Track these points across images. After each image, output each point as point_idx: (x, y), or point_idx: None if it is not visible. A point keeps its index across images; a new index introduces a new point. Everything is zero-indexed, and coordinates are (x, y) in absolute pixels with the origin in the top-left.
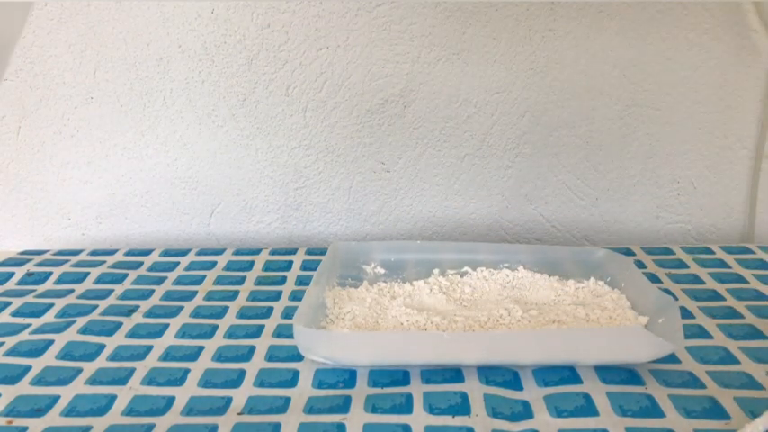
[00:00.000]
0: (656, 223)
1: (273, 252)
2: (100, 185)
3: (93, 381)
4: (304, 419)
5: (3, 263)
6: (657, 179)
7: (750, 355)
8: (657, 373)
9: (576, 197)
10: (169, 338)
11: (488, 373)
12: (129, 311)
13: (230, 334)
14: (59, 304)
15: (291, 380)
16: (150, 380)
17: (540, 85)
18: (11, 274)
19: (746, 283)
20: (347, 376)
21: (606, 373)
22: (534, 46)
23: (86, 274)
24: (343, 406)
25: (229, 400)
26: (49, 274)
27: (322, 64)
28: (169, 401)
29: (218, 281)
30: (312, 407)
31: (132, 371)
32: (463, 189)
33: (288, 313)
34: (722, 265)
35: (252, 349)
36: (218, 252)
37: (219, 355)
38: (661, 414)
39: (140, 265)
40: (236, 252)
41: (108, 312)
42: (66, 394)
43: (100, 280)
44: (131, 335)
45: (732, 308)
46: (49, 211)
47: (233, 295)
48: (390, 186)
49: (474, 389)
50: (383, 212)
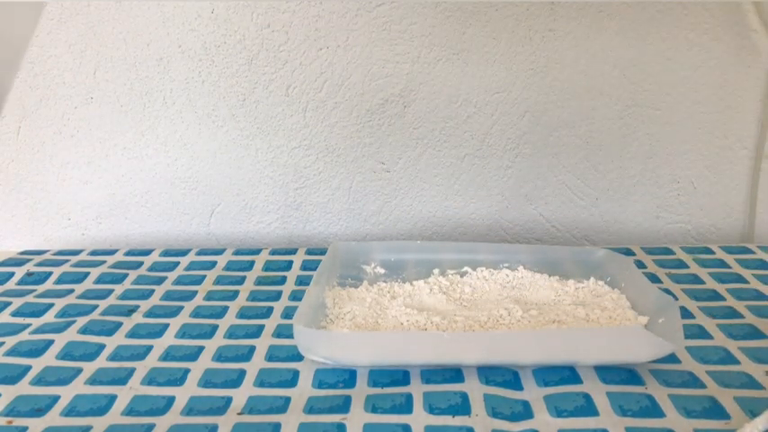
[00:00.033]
0: (656, 223)
1: (273, 252)
2: (100, 185)
3: (93, 381)
4: (304, 419)
5: (3, 263)
6: (657, 179)
7: (750, 355)
8: (657, 373)
9: (576, 197)
10: (169, 338)
11: (488, 373)
12: (129, 311)
13: (230, 334)
14: (59, 304)
15: (291, 380)
16: (150, 380)
17: (540, 85)
18: (11, 274)
19: (746, 283)
20: (347, 376)
21: (606, 373)
22: (534, 46)
23: (86, 274)
24: (343, 406)
25: (229, 400)
26: (49, 274)
27: (322, 64)
28: (169, 401)
29: (218, 281)
30: (312, 407)
31: (132, 371)
32: (463, 189)
33: (288, 313)
34: (722, 265)
35: (252, 349)
36: (218, 252)
37: (219, 355)
38: (661, 414)
39: (140, 265)
40: (236, 252)
41: (108, 312)
42: (66, 394)
43: (100, 280)
44: (131, 335)
45: (732, 308)
46: (49, 211)
47: (233, 295)
48: (390, 186)
49: (474, 389)
50: (383, 212)
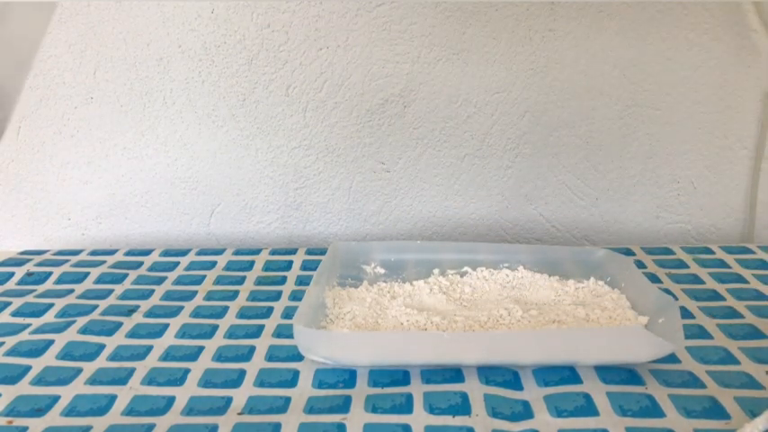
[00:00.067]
0: (656, 223)
1: (273, 252)
2: (100, 185)
3: (93, 381)
4: (304, 419)
5: (3, 263)
6: (657, 179)
7: (750, 355)
8: (657, 373)
9: (576, 197)
10: (169, 338)
11: (488, 373)
12: (129, 311)
13: (230, 334)
14: (59, 304)
15: (291, 380)
16: (150, 380)
17: (540, 85)
18: (11, 274)
19: (746, 283)
20: (347, 376)
21: (606, 373)
22: (534, 46)
23: (86, 274)
24: (344, 406)
25: (229, 400)
26: (49, 274)
27: (322, 64)
28: (169, 401)
29: (218, 281)
30: (312, 407)
31: (132, 371)
32: (463, 189)
33: (288, 313)
34: (722, 265)
35: (252, 349)
36: (218, 252)
37: (219, 355)
38: (661, 414)
39: (140, 265)
40: (236, 252)
41: (108, 312)
42: (67, 394)
43: (100, 280)
44: (131, 335)
45: (732, 308)
46: (49, 211)
47: (233, 295)
48: (390, 186)
49: (474, 389)
50: (383, 212)
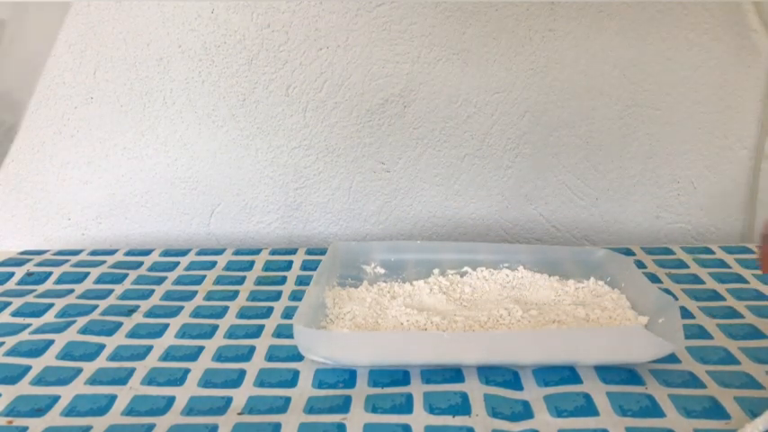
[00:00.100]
0: (656, 223)
1: (273, 252)
2: (100, 185)
3: (93, 381)
4: (304, 419)
5: (3, 263)
6: (657, 179)
7: (750, 355)
8: (657, 373)
9: (576, 197)
10: (169, 338)
11: (488, 373)
12: (129, 311)
13: (230, 334)
14: (59, 304)
15: (291, 380)
16: (150, 380)
17: (540, 85)
18: (11, 274)
19: (746, 283)
20: (347, 376)
21: (606, 373)
22: (534, 46)
23: (86, 274)
24: (344, 406)
25: (229, 400)
26: (49, 274)
27: (322, 64)
28: (169, 401)
29: (218, 281)
30: (312, 407)
31: (132, 371)
32: (463, 189)
33: (288, 313)
34: (722, 265)
35: (252, 349)
36: (218, 252)
37: (219, 355)
38: (661, 414)
39: (140, 265)
40: (236, 252)
41: (108, 312)
42: (67, 394)
43: (100, 280)
44: (131, 335)
45: (732, 308)
46: (49, 211)
47: (233, 295)
48: (390, 186)
49: (474, 389)
50: (383, 212)
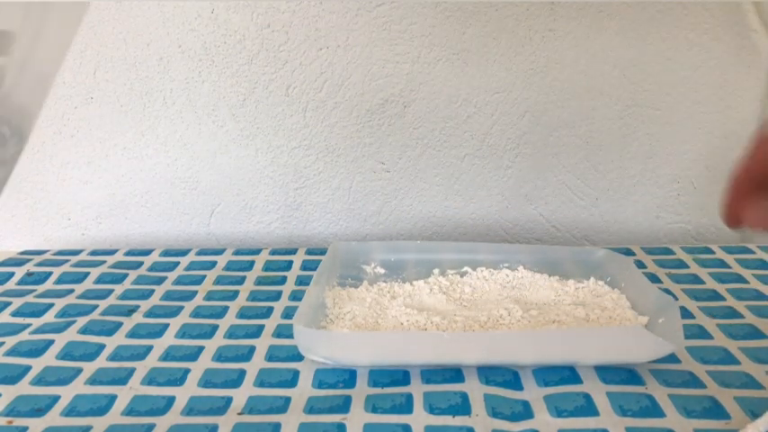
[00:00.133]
0: (656, 223)
1: (273, 252)
2: (100, 185)
3: (93, 381)
4: (304, 419)
5: (3, 263)
6: (657, 179)
7: (750, 355)
8: (657, 373)
9: (576, 197)
10: (169, 338)
11: (488, 373)
12: (129, 311)
13: (230, 334)
14: (59, 304)
15: (291, 380)
16: (150, 380)
17: (540, 85)
18: (11, 274)
19: (746, 283)
20: (347, 376)
21: (606, 373)
22: (534, 46)
23: (86, 274)
24: (344, 406)
25: (229, 400)
26: (49, 274)
27: (322, 64)
28: (169, 401)
29: (218, 281)
30: (312, 407)
31: (132, 371)
32: (463, 189)
33: (288, 313)
34: (722, 265)
35: (252, 349)
36: (218, 252)
37: (219, 355)
38: (661, 414)
39: (140, 265)
40: (236, 252)
41: (108, 312)
42: (66, 394)
43: (100, 280)
44: (131, 335)
45: (732, 308)
46: (49, 211)
47: (233, 295)
48: (390, 186)
49: (474, 389)
50: (383, 212)
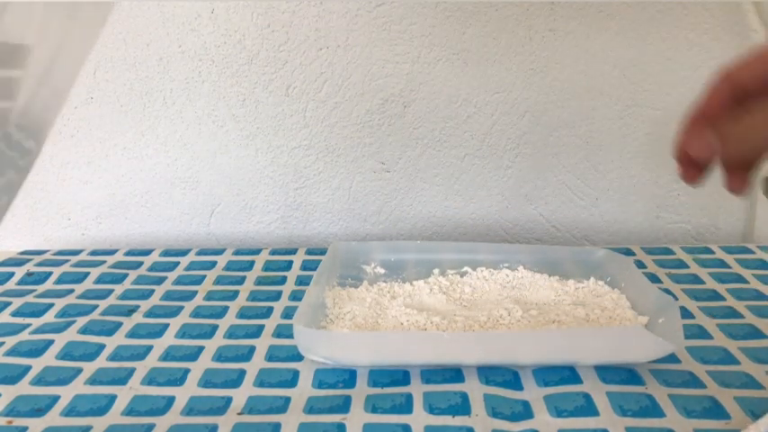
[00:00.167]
0: (656, 223)
1: (273, 252)
2: (100, 185)
3: (93, 381)
4: (304, 419)
5: (3, 263)
6: (657, 179)
7: (750, 355)
8: (657, 373)
9: (576, 197)
10: (169, 338)
11: (488, 373)
12: (129, 311)
13: (230, 334)
14: (59, 304)
15: (291, 380)
16: (150, 380)
17: (540, 85)
18: (11, 274)
19: (746, 283)
20: (347, 376)
21: (606, 373)
22: (534, 46)
23: (86, 274)
24: (343, 406)
25: (229, 400)
26: (49, 274)
27: (322, 64)
28: (169, 401)
29: (218, 281)
30: (312, 407)
31: (132, 371)
32: (463, 189)
33: (288, 313)
34: (722, 265)
35: (252, 349)
36: (218, 252)
37: (219, 355)
38: (661, 414)
39: (140, 265)
40: (236, 252)
41: (108, 312)
42: (66, 394)
43: (100, 280)
44: (131, 335)
45: (732, 308)
46: (49, 211)
47: (233, 295)
48: (390, 186)
49: (474, 389)
50: (383, 212)
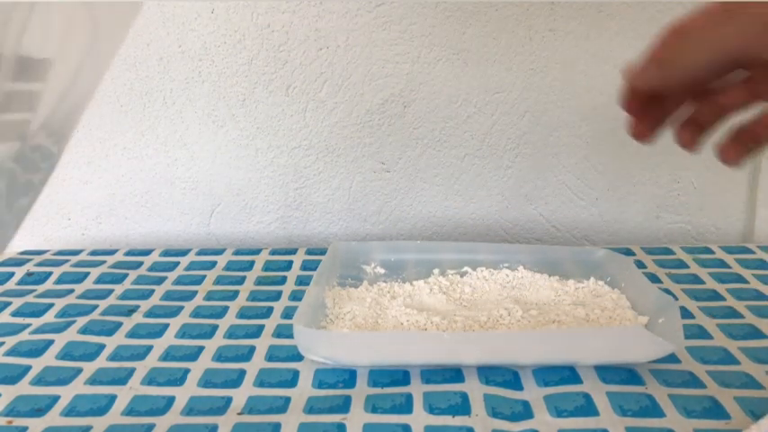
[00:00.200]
0: (656, 223)
1: (273, 252)
2: (100, 185)
3: (93, 381)
4: (304, 419)
5: (3, 263)
6: (657, 179)
7: (750, 355)
8: (657, 373)
9: (576, 197)
10: (169, 338)
11: (488, 373)
12: (129, 311)
13: (230, 334)
14: (59, 304)
15: (291, 380)
16: (150, 380)
17: (540, 85)
18: (11, 274)
19: (746, 283)
20: (347, 376)
21: (606, 373)
22: (534, 46)
23: (86, 274)
24: (343, 406)
25: (229, 400)
26: (49, 274)
27: (322, 64)
28: (169, 401)
29: (218, 281)
30: (312, 407)
31: (132, 371)
32: (463, 189)
33: (288, 313)
34: (722, 265)
35: (252, 349)
36: (218, 252)
37: (219, 355)
38: (661, 414)
39: (140, 265)
40: (236, 252)
41: (108, 312)
42: (66, 394)
43: (100, 280)
44: (131, 335)
45: (732, 308)
46: (49, 211)
47: (233, 295)
48: (390, 186)
49: (474, 389)
50: (383, 212)
